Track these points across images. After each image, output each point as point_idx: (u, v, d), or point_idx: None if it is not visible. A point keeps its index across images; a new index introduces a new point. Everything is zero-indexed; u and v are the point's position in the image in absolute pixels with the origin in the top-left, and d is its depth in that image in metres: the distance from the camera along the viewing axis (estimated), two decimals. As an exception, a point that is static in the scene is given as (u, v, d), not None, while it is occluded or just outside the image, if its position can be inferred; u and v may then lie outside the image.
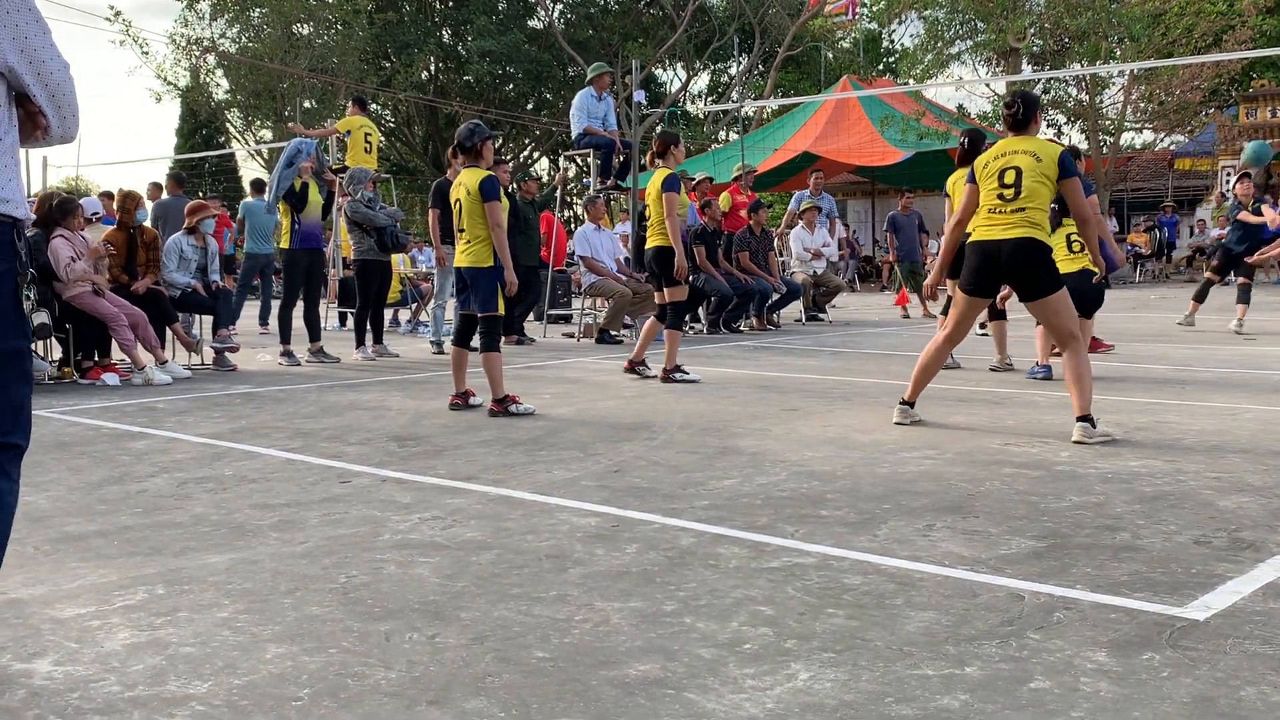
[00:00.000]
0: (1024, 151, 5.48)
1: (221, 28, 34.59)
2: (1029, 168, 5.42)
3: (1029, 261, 5.42)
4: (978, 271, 5.57)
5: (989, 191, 5.54)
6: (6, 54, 2.37)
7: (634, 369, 8.44)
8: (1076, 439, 5.37)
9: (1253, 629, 2.81)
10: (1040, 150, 5.47)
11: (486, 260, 6.74)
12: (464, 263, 6.81)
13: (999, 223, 5.47)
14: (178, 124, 40.62)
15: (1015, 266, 5.44)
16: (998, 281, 5.63)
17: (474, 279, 6.78)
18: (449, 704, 2.43)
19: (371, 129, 13.37)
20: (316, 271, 10.35)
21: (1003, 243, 5.44)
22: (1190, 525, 3.83)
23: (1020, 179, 5.41)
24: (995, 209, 5.49)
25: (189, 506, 4.34)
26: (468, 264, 6.78)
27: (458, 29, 39.25)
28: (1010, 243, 5.41)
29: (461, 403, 6.96)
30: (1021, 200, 5.41)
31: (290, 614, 3.03)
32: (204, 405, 7.23)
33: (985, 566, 3.38)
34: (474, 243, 6.73)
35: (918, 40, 25.90)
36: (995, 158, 5.57)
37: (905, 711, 2.35)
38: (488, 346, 6.75)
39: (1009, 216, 5.44)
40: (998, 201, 5.48)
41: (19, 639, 2.87)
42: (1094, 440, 5.35)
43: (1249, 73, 29.07)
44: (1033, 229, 5.40)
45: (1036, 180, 5.41)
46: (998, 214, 5.48)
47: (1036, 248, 5.41)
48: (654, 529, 3.90)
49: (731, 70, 41.54)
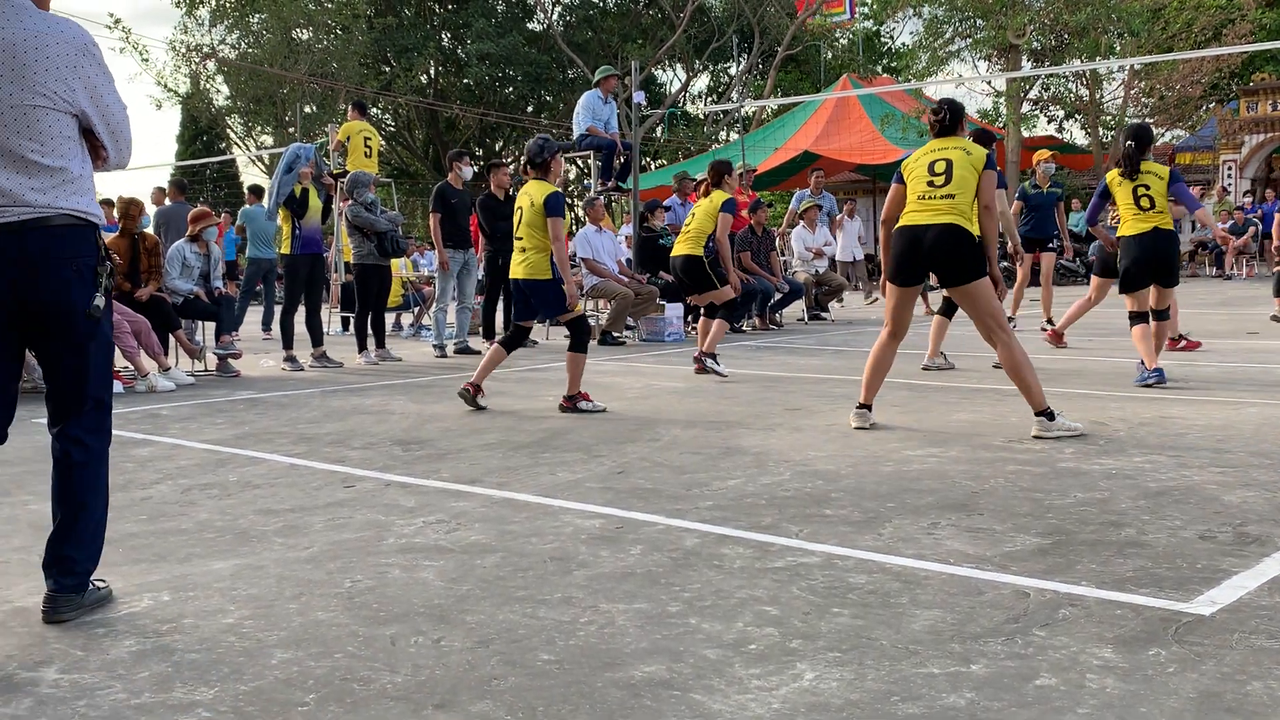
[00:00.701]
0: (955, 147, 5.68)
1: (221, 34, 34.63)
2: (960, 160, 5.58)
3: (953, 247, 5.48)
4: (902, 256, 5.64)
5: (918, 181, 5.65)
6: (80, 100, 3.04)
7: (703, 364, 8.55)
8: (1035, 434, 5.43)
9: (1259, 624, 2.80)
10: (969, 146, 5.69)
11: (545, 273, 6.81)
12: (520, 274, 6.88)
13: (927, 209, 5.57)
14: (178, 130, 40.69)
15: (938, 251, 5.51)
16: (922, 268, 5.65)
17: (534, 291, 6.88)
18: (455, 707, 2.43)
19: (371, 133, 13.37)
20: (318, 276, 10.33)
21: (928, 227, 5.52)
22: (1195, 521, 3.83)
23: (951, 169, 5.56)
24: (924, 195, 5.60)
25: (193, 513, 4.34)
26: (524, 275, 6.86)
27: (457, 32, 39.27)
28: (935, 228, 5.49)
29: (471, 391, 6.99)
30: (951, 188, 5.52)
31: (296, 619, 3.03)
32: (207, 411, 7.24)
33: (990, 564, 3.37)
34: (530, 253, 6.81)
35: (917, 38, 25.87)
36: (924, 154, 5.75)
37: (911, 710, 2.35)
38: (574, 347, 6.87)
39: (937, 203, 5.54)
40: (927, 189, 5.59)
41: (24, 647, 2.87)
42: (1053, 435, 5.38)
43: (1249, 66, 29.04)
44: (959, 217, 5.49)
45: (966, 170, 5.54)
46: (926, 200, 5.59)
47: (962, 234, 5.48)
48: (658, 530, 3.90)
49: (731, 70, 41.55)
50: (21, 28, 2.96)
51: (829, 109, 26.91)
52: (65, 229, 3.03)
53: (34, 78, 2.96)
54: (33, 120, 2.99)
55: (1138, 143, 7.32)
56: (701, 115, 38.56)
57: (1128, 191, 7.29)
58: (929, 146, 5.77)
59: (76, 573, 3.12)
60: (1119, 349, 9.44)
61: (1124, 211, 7.37)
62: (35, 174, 3.00)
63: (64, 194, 3.04)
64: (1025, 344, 5.72)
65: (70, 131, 3.07)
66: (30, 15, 3.00)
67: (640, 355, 10.48)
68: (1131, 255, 7.28)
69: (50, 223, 3.00)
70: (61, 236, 3.02)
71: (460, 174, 11.02)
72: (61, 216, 3.02)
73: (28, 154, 2.99)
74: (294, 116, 29.67)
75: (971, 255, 5.48)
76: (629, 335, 12.29)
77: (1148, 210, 7.24)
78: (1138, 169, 7.26)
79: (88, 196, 3.12)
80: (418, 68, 37.39)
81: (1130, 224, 7.31)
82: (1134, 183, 7.26)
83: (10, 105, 2.96)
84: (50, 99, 3.00)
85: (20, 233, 2.97)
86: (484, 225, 11.28)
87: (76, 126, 3.09)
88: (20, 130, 2.97)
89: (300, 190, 9.80)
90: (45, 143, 3.01)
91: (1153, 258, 7.22)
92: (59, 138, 3.04)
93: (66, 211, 3.03)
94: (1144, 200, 7.23)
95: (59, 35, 3.01)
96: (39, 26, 2.98)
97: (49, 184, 3.02)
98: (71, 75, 3.02)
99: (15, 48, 2.94)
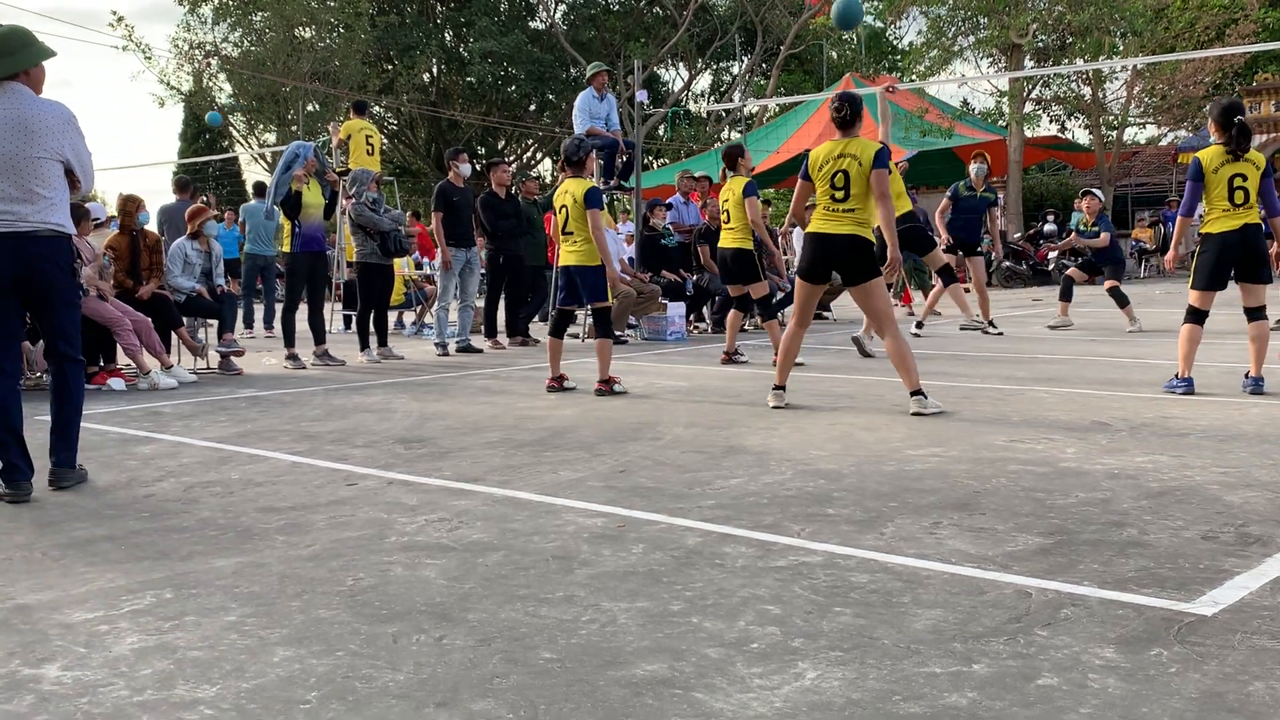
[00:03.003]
0: (849, 155, 6.26)
1: (224, 32, 34.63)
2: (855, 172, 6.22)
3: (855, 254, 6.31)
4: (813, 260, 6.45)
5: (824, 191, 6.36)
6: (66, 153, 4.73)
7: (731, 359, 9.32)
8: (914, 411, 6.22)
9: (1261, 624, 2.80)
10: (861, 153, 6.24)
11: (595, 259, 7.55)
12: (571, 261, 7.61)
13: (832, 219, 6.33)
14: (181, 129, 40.73)
15: (843, 256, 6.33)
16: (829, 268, 6.50)
17: (582, 276, 7.59)
18: (457, 705, 2.43)
19: (372, 131, 13.37)
20: (320, 274, 10.29)
21: (835, 236, 6.32)
22: (1197, 521, 3.82)
23: (848, 183, 6.25)
24: (829, 207, 6.34)
25: (196, 510, 4.35)
26: (576, 263, 7.59)
27: (459, 31, 39.25)
28: (841, 237, 6.30)
29: (557, 385, 7.76)
30: (851, 202, 6.26)
31: (298, 617, 3.04)
32: (209, 409, 7.24)
33: (992, 564, 3.37)
34: (580, 243, 7.56)
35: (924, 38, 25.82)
36: (828, 159, 6.33)
37: (913, 710, 2.35)
38: (601, 334, 7.61)
39: (840, 216, 6.30)
40: (831, 201, 6.33)
41: (27, 644, 2.87)
42: (930, 411, 6.19)
43: (1252, 67, 29.01)
44: (858, 227, 6.28)
45: (860, 184, 6.22)
46: (830, 212, 6.34)
47: (861, 242, 6.29)
48: (660, 529, 3.90)
49: (734, 69, 41.52)
50: (30, 109, 4.64)
51: (832, 108, 26.85)
52: (49, 237, 4.69)
53: (38, 140, 4.62)
54: (38, 167, 4.64)
55: (1243, 120, 6.65)
56: (704, 114, 38.53)
57: (1224, 180, 6.59)
58: (829, 150, 6.35)
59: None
60: (1123, 342, 9.43)
61: (1215, 204, 6.64)
62: (36, 201, 4.64)
63: (50, 214, 4.68)
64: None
65: (59, 172, 4.72)
66: (34, 101, 4.68)
67: (642, 354, 10.49)
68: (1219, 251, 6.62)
69: (39, 234, 4.66)
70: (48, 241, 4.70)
71: (459, 171, 11.01)
72: (47, 229, 4.68)
73: (35, 188, 4.63)
74: (296, 115, 29.66)
75: (869, 259, 6.29)
76: (631, 334, 12.29)
77: (1240, 206, 6.58)
78: (1245, 150, 6.60)
79: (61, 214, 4.75)
80: (420, 66, 37.37)
81: (1221, 220, 6.62)
82: (1234, 169, 6.58)
83: (25, 158, 4.61)
84: (49, 153, 4.66)
85: (23, 238, 4.64)
86: (485, 224, 11.28)
87: (62, 169, 4.74)
88: (32, 175, 4.62)
89: (295, 190, 9.72)
90: (45, 181, 4.65)
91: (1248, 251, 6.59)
92: (53, 178, 4.69)
93: (51, 225, 4.69)
94: (1239, 194, 6.57)
95: (52, 113, 4.69)
96: (41, 108, 4.67)
97: (43, 208, 4.65)
98: (61, 138, 4.69)
99: (27, 122, 4.62)
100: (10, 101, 4.62)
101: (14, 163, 4.57)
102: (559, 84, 38.63)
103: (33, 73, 4.75)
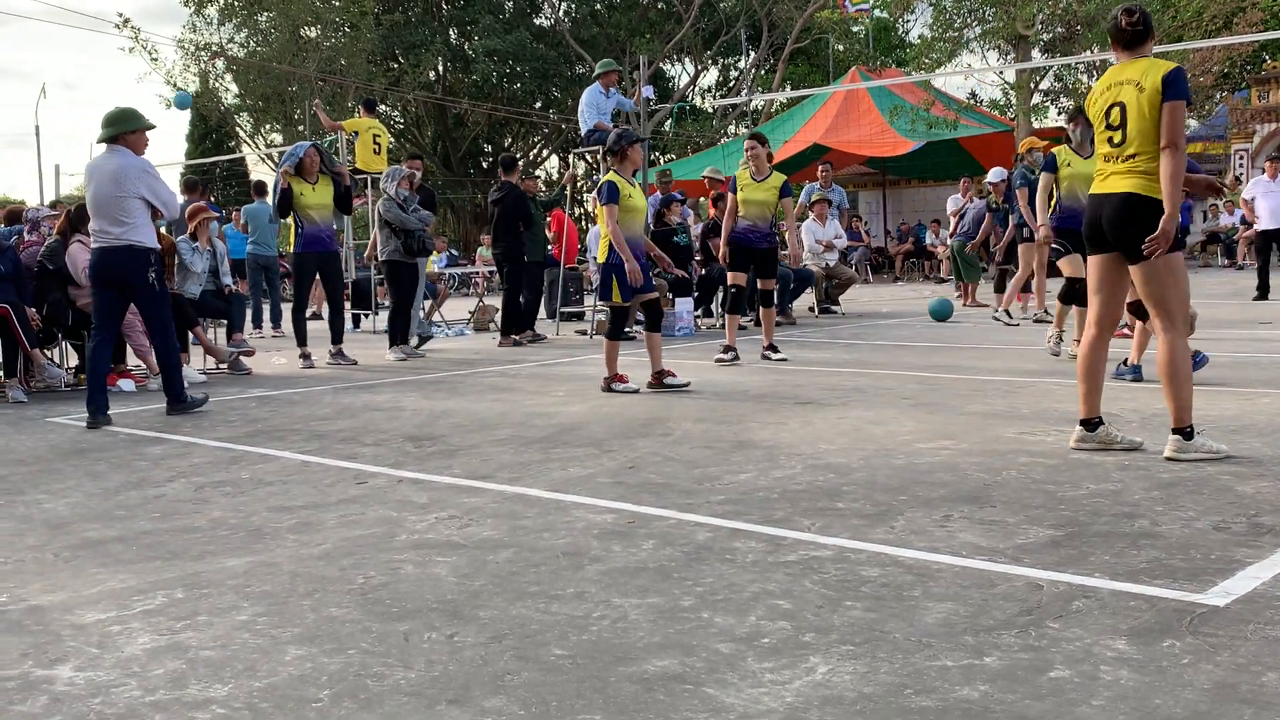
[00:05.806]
0: (1128, 81, 5.43)
1: (229, 32, 34.70)
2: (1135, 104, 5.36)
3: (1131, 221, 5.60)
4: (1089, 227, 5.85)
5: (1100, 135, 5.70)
6: (143, 191, 6.76)
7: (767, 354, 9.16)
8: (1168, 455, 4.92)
9: (1273, 614, 2.79)
10: (1144, 76, 5.39)
11: (603, 256, 7.53)
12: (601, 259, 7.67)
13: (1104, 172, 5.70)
14: (188, 129, 40.78)
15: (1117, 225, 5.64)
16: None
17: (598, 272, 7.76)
18: (469, 703, 2.43)
19: (380, 130, 13.38)
20: (333, 275, 10.03)
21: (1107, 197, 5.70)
22: (1209, 511, 3.81)
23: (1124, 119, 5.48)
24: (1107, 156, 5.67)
25: (207, 510, 4.36)
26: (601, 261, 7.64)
27: (464, 29, 39.26)
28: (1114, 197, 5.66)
29: (659, 380, 7.53)
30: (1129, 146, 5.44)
31: (309, 615, 3.04)
32: (219, 409, 7.26)
33: (1003, 556, 3.37)
34: (602, 239, 7.58)
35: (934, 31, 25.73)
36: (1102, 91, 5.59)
37: (925, 703, 2.35)
38: (650, 327, 7.57)
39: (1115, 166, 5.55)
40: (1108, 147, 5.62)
41: (40, 645, 2.88)
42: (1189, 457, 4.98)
43: (1260, 55, 28.88)
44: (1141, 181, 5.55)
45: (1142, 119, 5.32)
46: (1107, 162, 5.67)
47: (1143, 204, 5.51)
48: (670, 524, 3.90)
49: (740, 64, 41.46)
50: (120, 162, 6.73)
51: (838, 101, 26.85)
52: (127, 249, 6.74)
53: (123, 185, 6.69)
54: (121, 203, 6.70)
55: None
56: (710, 109, 38.49)
57: None
58: (1106, 80, 5.46)
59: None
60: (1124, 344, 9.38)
61: None
62: (121, 225, 6.71)
63: (131, 235, 6.73)
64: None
65: (139, 206, 6.76)
66: (124, 156, 6.78)
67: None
68: None
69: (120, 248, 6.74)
70: (129, 252, 6.76)
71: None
72: (126, 243, 6.73)
73: (120, 216, 6.70)
74: (303, 114, 29.70)
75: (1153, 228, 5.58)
76: (639, 330, 12.28)
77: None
78: None
79: (144, 233, 6.79)
80: (425, 64, 37.40)
81: None
82: None
83: (113, 197, 6.69)
84: (128, 193, 6.70)
85: (116, 250, 6.73)
86: (507, 223, 11.30)
87: (143, 203, 6.77)
88: (118, 209, 6.70)
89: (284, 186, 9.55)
90: (128, 212, 6.72)
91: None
92: (134, 210, 6.74)
93: (129, 242, 6.73)
94: None
95: (134, 164, 6.77)
96: (124, 160, 6.76)
97: (126, 230, 6.71)
98: (139, 182, 6.74)
99: (115, 172, 6.70)
100: (111, 157, 6.78)
101: (107, 200, 6.68)
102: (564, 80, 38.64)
103: (130, 138, 6.80)
